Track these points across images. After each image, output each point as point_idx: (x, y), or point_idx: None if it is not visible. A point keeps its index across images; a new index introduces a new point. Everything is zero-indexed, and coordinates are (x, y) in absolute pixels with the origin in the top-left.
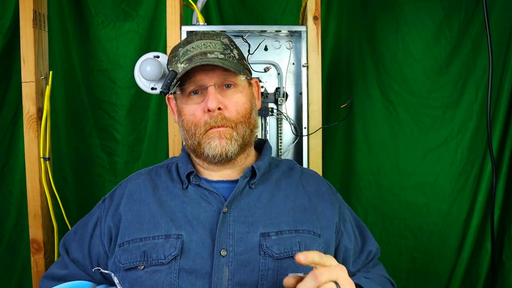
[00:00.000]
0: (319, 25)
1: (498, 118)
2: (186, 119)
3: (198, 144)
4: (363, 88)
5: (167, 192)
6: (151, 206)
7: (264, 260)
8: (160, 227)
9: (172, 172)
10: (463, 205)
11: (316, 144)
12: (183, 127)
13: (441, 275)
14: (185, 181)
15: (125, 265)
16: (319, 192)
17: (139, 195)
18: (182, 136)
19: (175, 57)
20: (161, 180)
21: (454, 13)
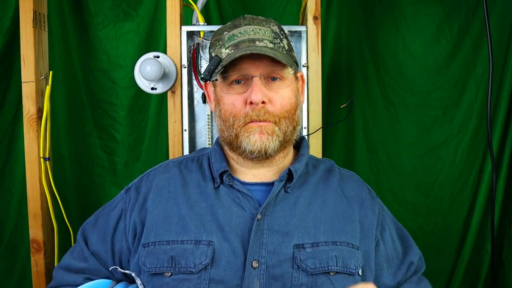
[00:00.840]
0: (319, 25)
1: (498, 118)
2: (225, 108)
3: (235, 137)
4: (363, 88)
5: (199, 191)
6: (180, 206)
7: (298, 274)
8: (189, 230)
9: (204, 168)
10: (463, 205)
11: (316, 144)
12: (220, 116)
13: (441, 275)
14: (217, 180)
15: (151, 270)
16: (360, 198)
17: (168, 192)
18: (218, 127)
19: (219, 41)
20: (192, 177)
21: (454, 13)
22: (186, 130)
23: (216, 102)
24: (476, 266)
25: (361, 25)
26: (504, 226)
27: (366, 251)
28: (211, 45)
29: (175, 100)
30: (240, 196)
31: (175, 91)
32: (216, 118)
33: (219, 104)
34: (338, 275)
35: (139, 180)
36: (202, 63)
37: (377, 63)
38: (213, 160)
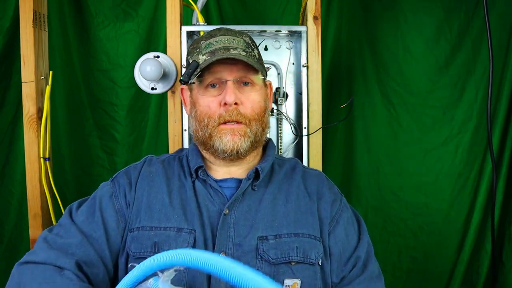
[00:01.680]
0: (319, 25)
1: (498, 118)
2: (201, 110)
3: (209, 136)
4: (363, 88)
5: (180, 184)
6: (164, 195)
7: (261, 264)
8: (171, 218)
9: (183, 164)
10: (463, 205)
11: (316, 144)
12: (195, 117)
13: (441, 275)
14: (193, 175)
15: (135, 254)
16: (319, 193)
17: (151, 181)
18: (192, 128)
19: (196, 49)
20: (174, 172)
21: (454, 13)
22: (186, 130)
23: (192, 105)
24: (476, 266)
25: (361, 25)
26: (504, 226)
27: (328, 243)
28: (189, 52)
29: (175, 100)
30: (211, 191)
31: (175, 91)
32: (191, 120)
33: (195, 106)
34: (298, 264)
35: (125, 170)
36: None
37: (377, 63)
38: (190, 157)
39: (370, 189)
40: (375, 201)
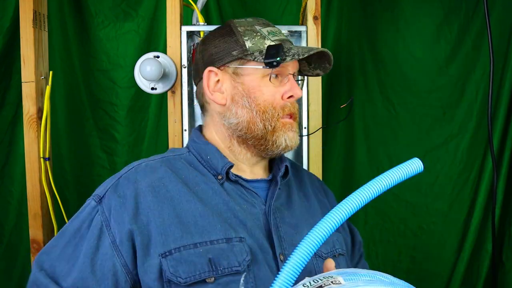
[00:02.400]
0: (319, 25)
1: (498, 118)
2: (265, 98)
3: (272, 130)
4: (363, 88)
5: (207, 187)
6: (191, 204)
7: (316, 261)
8: (215, 229)
9: (195, 165)
10: (463, 205)
11: (316, 144)
12: (253, 107)
13: (441, 275)
14: (223, 176)
15: (188, 279)
16: (324, 188)
17: (167, 192)
18: (238, 119)
19: (255, 32)
20: (187, 174)
21: (454, 13)
22: (186, 130)
23: (244, 92)
24: (476, 266)
25: (361, 25)
26: (504, 226)
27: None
28: (241, 33)
29: (175, 100)
30: (245, 192)
31: (175, 91)
32: (236, 109)
33: (251, 94)
34: (340, 256)
35: (113, 185)
36: None
37: (377, 63)
38: (211, 156)
39: None
40: (375, 201)
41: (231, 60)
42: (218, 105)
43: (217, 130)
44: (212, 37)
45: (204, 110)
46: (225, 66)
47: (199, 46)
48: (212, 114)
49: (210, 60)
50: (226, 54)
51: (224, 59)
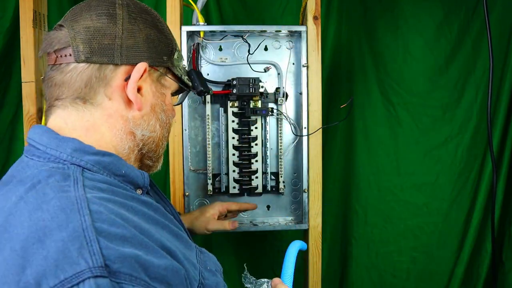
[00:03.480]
0: (319, 25)
1: (498, 118)
2: (172, 117)
3: (161, 154)
4: (363, 88)
5: (159, 216)
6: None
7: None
8: (191, 250)
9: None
10: (463, 205)
11: (316, 144)
12: (167, 126)
13: (441, 275)
14: (146, 187)
15: None
16: None
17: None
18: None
19: (177, 51)
20: (133, 201)
21: (454, 13)
22: (186, 130)
23: (164, 108)
24: (476, 266)
25: (361, 25)
26: (504, 226)
27: None
28: (171, 39)
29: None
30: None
31: None
32: (153, 121)
33: (168, 111)
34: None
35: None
36: (202, 63)
37: (377, 63)
38: (126, 170)
39: (370, 189)
40: (375, 201)
41: (160, 65)
42: (135, 110)
43: (115, 137)
44: (143, 20)
45: (89, 99)
46: (153, 68)
47: (122, 11)
48: (112, 115)
49: (142, 50)
50: (158, 55)
51: (156, 59)
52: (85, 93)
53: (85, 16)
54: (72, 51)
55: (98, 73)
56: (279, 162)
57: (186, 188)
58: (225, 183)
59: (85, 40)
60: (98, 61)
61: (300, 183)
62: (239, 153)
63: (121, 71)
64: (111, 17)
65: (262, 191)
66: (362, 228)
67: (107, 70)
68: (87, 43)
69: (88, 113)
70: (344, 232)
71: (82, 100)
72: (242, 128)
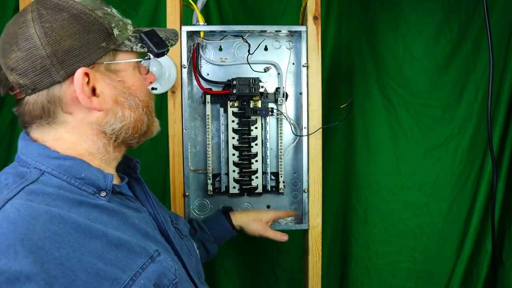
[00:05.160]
0: (319, 25)
1: (498, 118)
2: (143, 91)
3: (152, 122)
4: (363, 88)
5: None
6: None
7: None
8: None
9: (71, 189)
10: (463, 205)
11: (316, 144)
12: (141, 104)
13: (441, 275)
14: (108, 192)
15: None
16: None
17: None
18: (122, 122)
19: (113, 16)
20: (72, 210)
21: (454, 13)
22: (186, 130)
23: (129, 91)
24: (476, 266)
25: (361, 25)
26: (504, 225)
27: None
28: (102, 17)
29: (175, 100)
30: (126, 199)
31: (175, 91)
32: (122, 112)
33: (133, 91)
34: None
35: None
36: (202, 63)
37: (377, 63)
38: (85, 174)
39: (370, 189)
40: (375, 201)
41: (103, 55)
42: (97, 112)
43: (86, 142)
44: (60, 22)
45: (52, 120)
46: (95, 64)
47: (35, 27)
48: (77, 126)
49: (72, 56)
50: (92, 49)
51: (94, 54)
52: (46, 117)
53: (10, 49)
54: (18, 88)
55: (48, 97)
56: (279, 162)
57: (186, 188)
58: (225, 183)
59: (21, 74)
60: (43, 87)
61: (300, 183)
62: (239, 153)
63: (67, 85)
64: (29, 40)
65: (262, 191)
66: (362, 228)
67: (55, 90)
68: (25, 76)
69: (54, 131)
70: (344, 232)
71: (46, 122)
72: (242, 128)
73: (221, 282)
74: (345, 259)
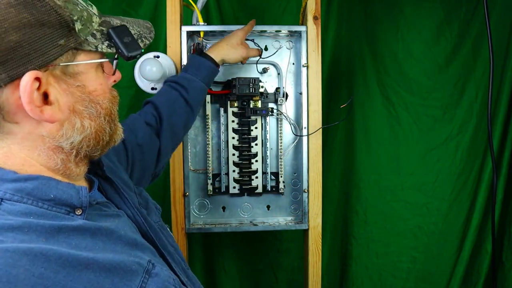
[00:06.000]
0: (319, 25)
1: (498, 118)
2: (106, 97)
3: (115, 130)
4: (363, 88)
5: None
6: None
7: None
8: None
9: (36, 214)
10: (463, 205)
11: (316, 144)
12: (103, 112)
13: (441, 275)
14: (85, 208)
15: None
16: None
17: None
18: (91, 130)
19: (76, 4)
20: (49, 241)
21: (454, 13)
22: None
23: (89, 97)
24: (476, 266)
25: (361, 25)
26: (504, 226)
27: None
28: (62, 7)
29: None
30: (103, 208)
31: None
32: (81, 122)
33: (95, 97)
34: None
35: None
36: None
37: (377, 63)
38: (54, 192)
39: (370, 189)
40: (375, 201)
41: (59, 55)
42: (51, 124)
43: (41, 156)
44: (4, 10)
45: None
46: (49, 66)
47: None
48: (26, 138)
49: (18, 56)
50: (48, 45)
51: (48, 53)
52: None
53: None
54: None
55: None
56: (279, 162)
57: (186, 188)
58: (225, 183)
59: None
60: None
61: (300, 183)
62: (239, 153)
63: (11, 91)
64: None
65: (262, 191)
66: (362, 228)
67: None
68: None
69: (2, 143)
70: (344, 232)
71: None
72: (242, 128)
73: (221, 282)
74: (345, 259)
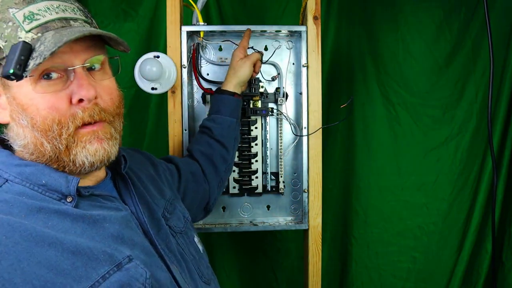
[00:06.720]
0: (319, 25)
1: (498, 118)
2: (42, 114)
3: (65, 149)
4: (363, 88)
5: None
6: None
7: (178, 238)
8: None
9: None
10: (463, 205)
11: (316, 144)
12: (34, 126)
13: (441, 275)
14: (74, 196)
15: None
16: (148, 163)
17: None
18: (24, 141)
19: (6, 22)
20: (28, 217)
21: (454, 13)
22: (186, 130)
23: (18, 109)
24: (476, 266)
25: (361, 25)
26: (504, 226)
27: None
28: None
29: (175, 100)
30: (103, 200)
31: (175, 91)
32: (17, 129)
33: (27, 110)
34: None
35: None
36: (202, 63)
37: (377, 63)
38: (46, 179)
39: (370, 189)
40: (375, 201)
41: None
42: (9, 124)
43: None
44: None
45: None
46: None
47: None
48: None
49: None
50: None
51: None
52: None
53: None
54: None
55: None
56: (279, 162)
57: None
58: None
59: None
60: None
61: (300, 183)
62: (239, 153)
63: None
64: None
65: (262, 191)
66: (362, 228)
67: None
68: None
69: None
70: (344, 232)
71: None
72: (242, 128)
73: (221, 282)
74: (345, 259)
